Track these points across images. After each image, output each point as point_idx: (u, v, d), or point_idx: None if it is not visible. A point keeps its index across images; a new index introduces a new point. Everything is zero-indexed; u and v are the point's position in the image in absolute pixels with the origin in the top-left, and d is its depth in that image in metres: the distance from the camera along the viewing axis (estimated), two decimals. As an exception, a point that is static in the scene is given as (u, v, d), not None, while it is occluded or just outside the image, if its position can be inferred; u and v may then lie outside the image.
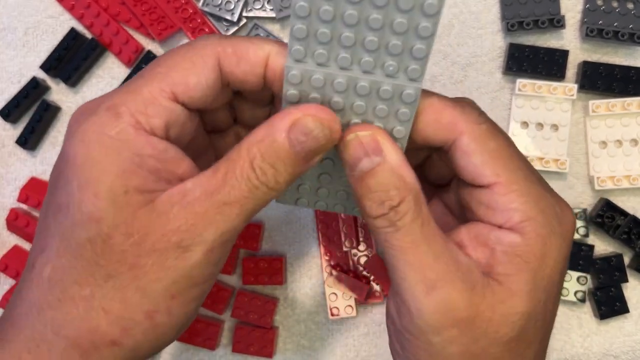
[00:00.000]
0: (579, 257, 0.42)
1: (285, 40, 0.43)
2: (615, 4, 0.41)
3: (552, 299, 0.27)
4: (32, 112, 0.44)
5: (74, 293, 0.25)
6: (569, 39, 0.43)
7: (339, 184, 0.30)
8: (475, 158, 0.27)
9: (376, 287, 0.43)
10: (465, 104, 0.28)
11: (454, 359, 0.25)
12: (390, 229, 0.25)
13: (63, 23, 0.44)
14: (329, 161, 0.29)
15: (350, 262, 0.44)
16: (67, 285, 0.25)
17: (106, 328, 0.25)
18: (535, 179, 0.27)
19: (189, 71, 0.26)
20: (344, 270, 0.43)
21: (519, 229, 0.26)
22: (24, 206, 0.45)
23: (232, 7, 0.43)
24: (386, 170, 0.25)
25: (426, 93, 0.27)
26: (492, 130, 0.27)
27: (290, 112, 0.25)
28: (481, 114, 0.28)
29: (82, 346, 0.25)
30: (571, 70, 0.43)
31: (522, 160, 0.27)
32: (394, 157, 0.26)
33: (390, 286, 0.28)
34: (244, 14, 0.43)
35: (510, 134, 0.42)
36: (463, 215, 0.29)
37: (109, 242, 0.25)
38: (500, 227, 0.26)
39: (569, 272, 0.42)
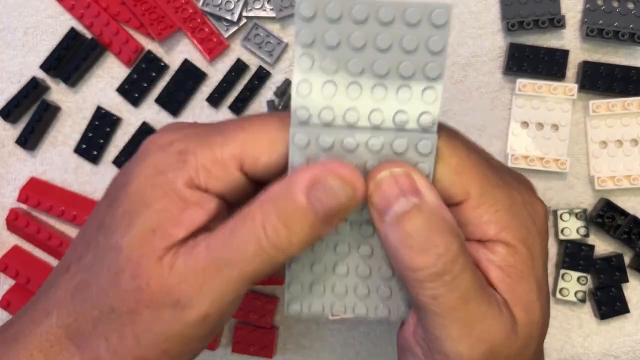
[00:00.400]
0: (579, 257, 0.42)
1: (286, 40, 0.43)
2: (615, 4, 0.41)
3: (548, 294, 0.27)
4: (32, 112, 0.44)
5: (87, 310, 0.25)
6: (569, 39, 0.43)
7: (356, 276, 0.27)
8: (441, 181, 0.25)
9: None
10: None
11: None
12: (438, 283, 0.23)
13: (63, 23, 0.44)
14: (345, 246, 0.26)
15: (351, 262, 0.43)
16: (85, 300, 0.25)
17: (104, 355, 0.25)
18: (501, 183, 0.26)
19: (264, 149, 0.25)
20: (344, 270, 0.43)
21: (499, 239, 0.25)
22: (23, 206, 0.45)
23: (232, 6, 0.43)
24: (427, 212, 0.23)
25: None
26: (449, 144, 0.25)
27: (310, 168, 0.24)
28: None
29: (86, 359, 0.25)
30: (571, 70, 0.42)
31: (485, 166, 0.26)
32: (432, 198, 0.23)
33: (417, 321, 0.26)
34: (244, 13, 0.43)
35: (510, 134, 0.42)
36: None
37: (118, 277, 0.24)
38: (480, 241, 0.26)
39: (569, 272, 0.42)
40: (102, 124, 0.44)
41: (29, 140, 0.44)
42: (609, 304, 0.42)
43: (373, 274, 0.27)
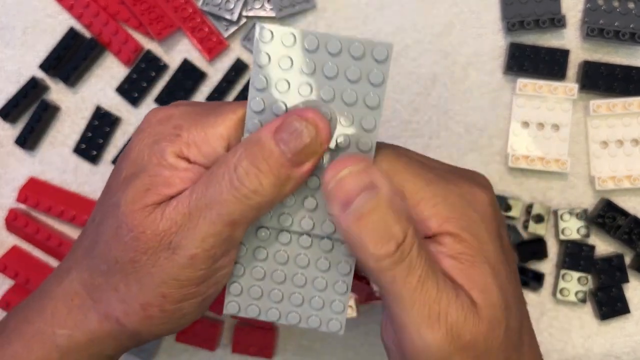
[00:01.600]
0: (580, 257, 0.42)
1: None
2: (616, 4, 0.41)
3: (511, 279, 0.27)
4: (31, 111, 0.44)
5: (98, 265, 0.28)
6: (569, 39, 0.43)
7: (293, 284, 0.29)
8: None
9: (376, 287, 0.43)
10: None
11: None
12: (399, 268, 0.24)
13: (62, 22, 0.44)
14: (283, 253, 0.28)
15: (351, 263, 0.43)
16: (96, 256, 0.28)
17: (115, 305, 0.27)
18: (436, 179, 0.27)
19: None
20: (344, 271, 0.43)
21: (442, 232, 0.26)
22: (22, 206, 0.45)
23: (232, 6, 0.42)
24: (384, 204, 0.24)
25: None
26: (379, 151, 0.27)
27: (278, 117, 0.26)
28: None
29: (101, 313, 0.28)
30: (572, 69, 0.42)
31: (418, 166, 0.27)
32: (388, 190, 0.25)
33: (386, 317, 0.27)
34: (244, 13, 0.43)
35: (510, 134, 0.42)
36: None
37: (118, 231, 0.27)
38: (427, 237, 0.26)
39: (570, 272, 0.42)
40: (101, 124, 0.44)
41: (28, 140, 0.44)
42: (609, 305, 0.42)
43: (308, 284, 0.29)
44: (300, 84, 0.26)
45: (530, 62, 0.42)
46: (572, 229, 0.42)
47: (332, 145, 0.27)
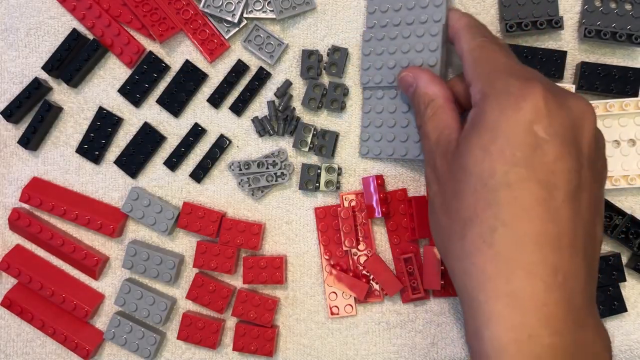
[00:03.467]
0: (577, 256, 0.42)
1: (286, 41, 0.43)
2: (613, 5, 0.42)
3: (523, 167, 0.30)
4: (34, 112, 0.45)
5: None
6: (567, 40, 0.43)
7: (399, 126, 0.41)
8: (466, 64, 0.35)
9: (376, 287, 0.44)
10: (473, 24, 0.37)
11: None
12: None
13: (64, 24, 0.45)
14: (392, 105, 0.41)
15: (350, 262, 0.44)
16: None
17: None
18: (504, 71, 0.33)
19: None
20: (344, 270, 0.44)
21: (475, 103, 0.33)
22: (26, 206, 0.45)
23: (233, 8, 0.43)
24: (420, 88, 0.37)
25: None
26: (485, 44, 0.35)
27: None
28: (480, 31, 0.36)
29: None
30: (569, 70, 0.43)
31: (502, 58, 0.34)
32: (423, 80, 0.37)
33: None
34: (245, 15, 0.43)
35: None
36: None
37: None
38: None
39: (568, 271, 0.42)
40: (103, 125, 0.44)
41: (31, 140, 0.44)
42: (606, 303, 0.42)
43: (410, 124, 0.41)
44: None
45: (528, 63, 0.42)
46: (570, 228, 0.42)
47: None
